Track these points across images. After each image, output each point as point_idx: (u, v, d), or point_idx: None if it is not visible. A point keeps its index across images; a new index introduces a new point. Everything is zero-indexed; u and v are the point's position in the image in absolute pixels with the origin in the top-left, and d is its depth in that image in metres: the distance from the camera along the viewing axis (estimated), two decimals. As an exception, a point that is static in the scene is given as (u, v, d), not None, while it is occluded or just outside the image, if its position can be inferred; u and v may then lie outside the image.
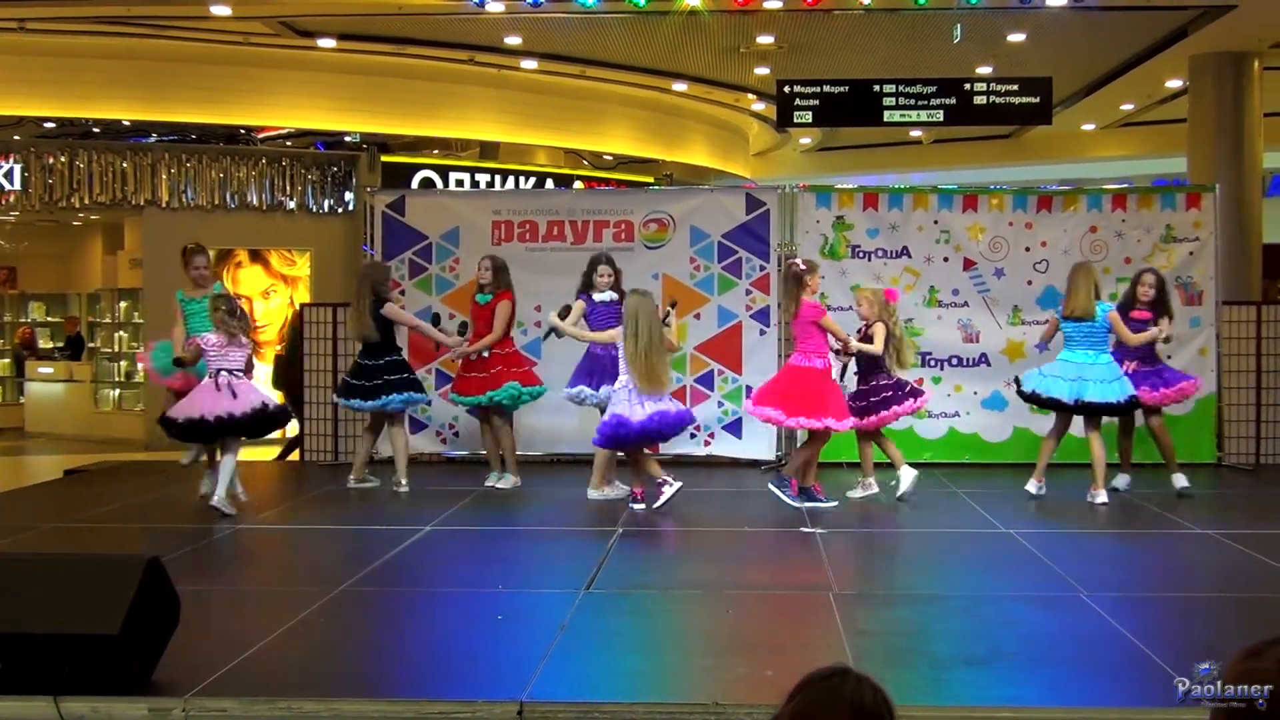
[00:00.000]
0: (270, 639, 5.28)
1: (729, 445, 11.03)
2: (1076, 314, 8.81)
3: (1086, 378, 8.75)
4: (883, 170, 23.55)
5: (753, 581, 6.68)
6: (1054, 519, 8.44)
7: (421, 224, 11.34)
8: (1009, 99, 12.53)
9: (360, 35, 14.75)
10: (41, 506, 9.36)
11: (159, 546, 6.73)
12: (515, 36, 14.72)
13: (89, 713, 4.40)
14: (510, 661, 4.94)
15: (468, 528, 8.27)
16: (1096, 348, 8.80)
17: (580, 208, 11.36)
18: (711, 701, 4.38)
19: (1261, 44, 14.17)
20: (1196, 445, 10.77)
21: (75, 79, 14.85)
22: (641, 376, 8.51)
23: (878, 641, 5.33)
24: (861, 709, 1.95)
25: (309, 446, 11.70)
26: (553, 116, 18.16)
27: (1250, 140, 14.47)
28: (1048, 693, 4.62)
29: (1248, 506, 9.33)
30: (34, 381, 17.97)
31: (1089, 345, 8.80)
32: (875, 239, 10.97)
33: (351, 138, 17.37)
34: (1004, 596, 6.27)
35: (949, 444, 10.94)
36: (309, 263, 15.20)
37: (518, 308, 10.21)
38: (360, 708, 4.45)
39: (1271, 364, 11.02)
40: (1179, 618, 5.81)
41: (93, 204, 14.83)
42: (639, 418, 8.51)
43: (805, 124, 13.00)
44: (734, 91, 18.63)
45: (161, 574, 4.66)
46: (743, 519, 8.58)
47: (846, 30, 14.53)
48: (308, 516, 9.09)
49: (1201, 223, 10.93)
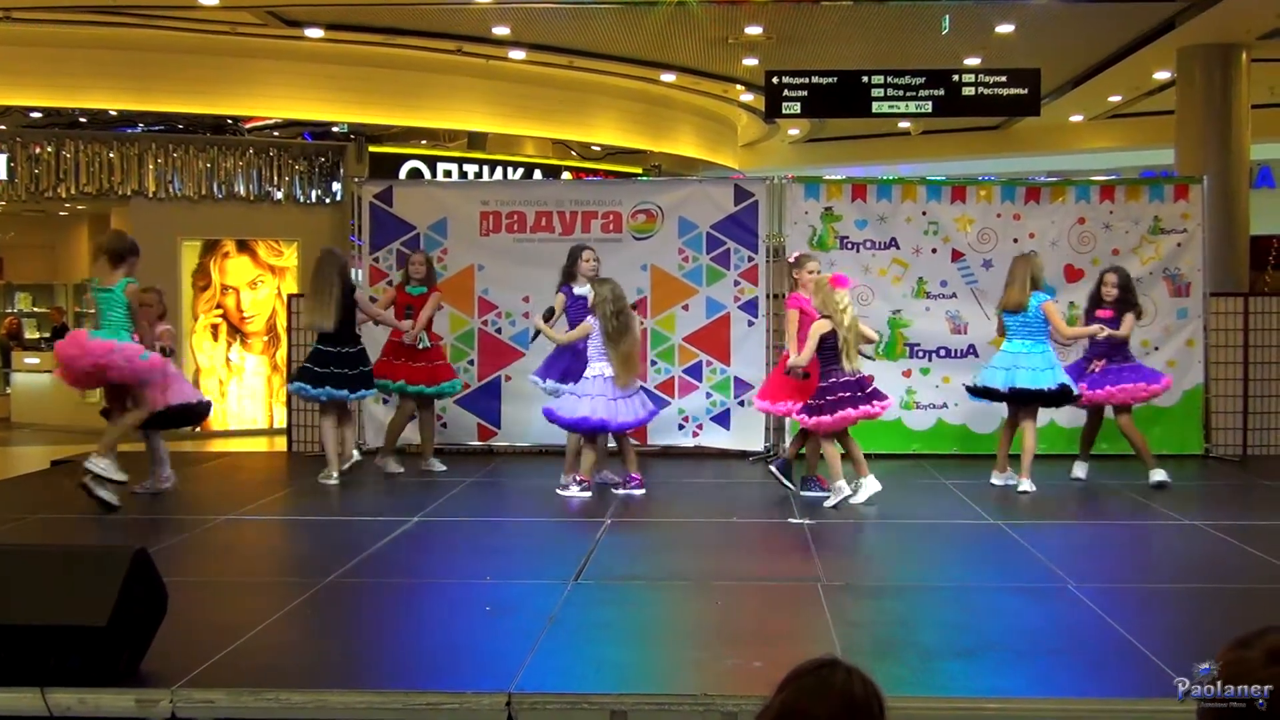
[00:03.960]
0: (258, 630, 5.27)
1: (717, 436, 11.03)
2: (1010, 306, 9.10)
3: (1020, 366, 8.96)
4: (871, 161, 23.53)
5: (742, 572, 6.69)
6: (1042, 510, 8.45)
7: (409, 214, 11.32)
8: (997, 90, 12.53)
9: (348, 25, 14.69)
10: (28, 497, 9.32)
11: (146, 538, 6.74)
12: (503, 27, 14.68)
13: (76, 704, 4.39)
14: (498, 653, 4.94)
15: (455, 519, 8.26)
16: (1033, 338, 9.02)
17: (568, 198, 11.34)
18: (700, 693, 4.38)
19: (1249, 36, 14.19)
20: (1183, 437, 10.81)
21: (62, 69, 14.77)
22: (619, 366, 8.53)
23: (866, 632, 5.34)
24: (851, 700, 1.95)
25: (296, 437, 11.67)
26: (541, 107, 18.11)
27: (1238, 132, 14.49)
28: (1035, 683, 4.63)
29: (1235, 498, 9.36)
30: (20, 372, 17.89)
31: (1025, 335, 9.04)
32: (864, 230, 10.97)
33: (339, 128, 17.29)
34: (992, 587, 6.29)
35: (937, 435, 10.96)
36: (296, 253, 15.15)
37: (507, 297, 10.23)
38: (348, 699, 4.44)
39: (1259, 355, 11.06)
40: (1167, 609, 5.83)
41: (79, 194, 14.75)
42: (623, 416, 8.57)
43: (794, 115, 12.98)
44: (722, 82, 18.60)
45: (149, 565, 4.64)
46: (731, 510, 8.59)
47: (835, 21, 14.51)
48: (295, 507, 9.07)
49: (1189, 214, 10.95)
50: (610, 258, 10.48)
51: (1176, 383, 10.54)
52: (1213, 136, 14.42)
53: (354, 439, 10.00)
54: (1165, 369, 10.30)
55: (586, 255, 9.39)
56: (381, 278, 11.21)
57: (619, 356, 8.56)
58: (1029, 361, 8.95)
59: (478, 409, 11.13)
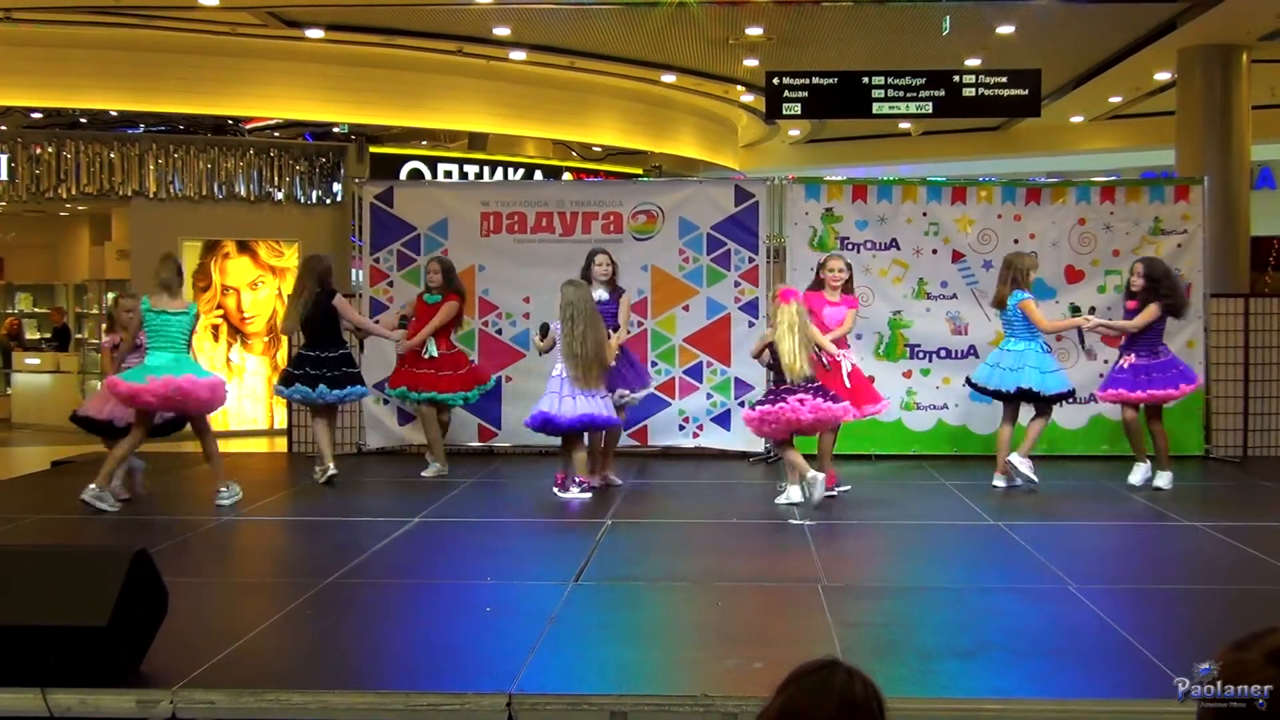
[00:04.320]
0: (258, 631, 5.28)
1: (717, 437, 11.04)
2: (995, 304, 9.36)
3: (1000, 364, 9.14)
4: (871, 162, 23.52)
5: (742, 573, 6.69)
6: (1042, 511, 8.45)
7: (410, 215, 11.32)
8: (998, 91, 12.53)
9: (348, 26, 14.69)
10: (29, 498, 9.33)
11: (147, 538, 6.73)
12: (504, 27, 14.68)
13: (77, 704, 4.39)
14: (499, 654, 4.94)
15: (456, 519, 8.26)
16: (1016, 335, 9.12)
17: (569, 199, 11.35)
18: (701, 693, 4.38)
19: (1250, 37, 14.19)
20: (1184, 437, 10.80)
21: (62, 69, 14.76)
22: (576, 368, 8.54)
23: (866, 633, 5.34)
24: (851, 702, 1.95)
25: (297, 438, 11.67)
26: (541, 108, 18.10)
27: (1238, 133, 14.49)
28: (1035, 684, 4.63)
29: (1235, 499, 9.35)
30: (21, 373, 17.89)
31: (1010, 332, 9.21)
32: (864, 231, 10.97)
33: (340, 129, 17.30)
34: (992, 588, 6.29)
35: (937, 436, 10.96)
36: (297, 254, 15.14)
37: (508, 297, 10.17)
38: (348, 700, 4.44)
39: (1259, 356, 11.06)
40: (1166, 610, 5.83)
41: (80, 194, 14.76)
42: (568, 413, 8.56)
43: (794, 115, 12.97)
44: (723, 83, 18.59)
45: (149, 566, 4.65)
46: (731, 511, 8.59)
47: (835, 22, 14.52)
48: (296, 508, 9.08)
49: (1190, 215, 10.95)
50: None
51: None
52: (1213, 137, 14.41)
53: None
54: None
55: (599, 260, 9.35)
56: (382, 278, 11.22)
57: (574, 361, 8.57)
58: (1006, 360, 9.12)
59: (478, 410, 11.12)
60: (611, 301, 9.26)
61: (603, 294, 9.22)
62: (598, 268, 9.32)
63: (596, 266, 9.33)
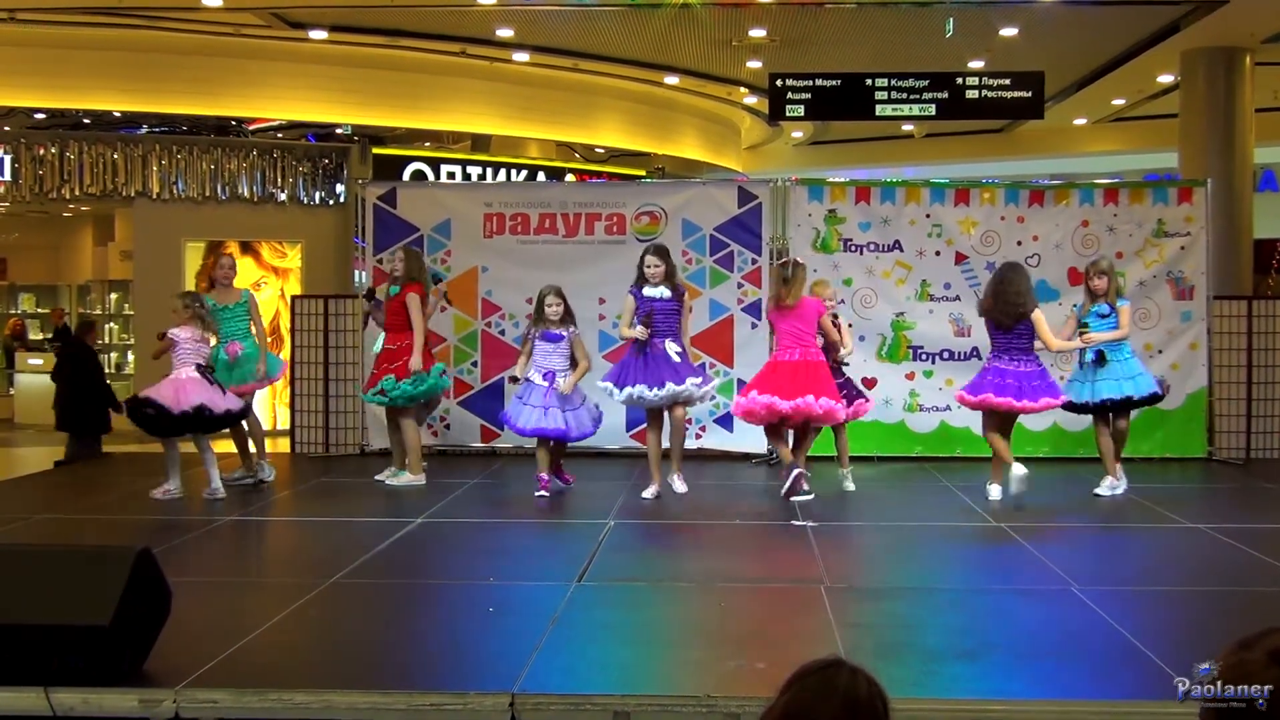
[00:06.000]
0: (262, 630, 5.28)
1: (720, 438, 11.04)
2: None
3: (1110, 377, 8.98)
4: (875, 164, 23.51)
5: (745, 574, 6.69)
6: (1045, 513, 8.44)
7: (413, 216, 11.32)
8: (1001, 93, 12.54)
9: (352, 27, 14.70)
10: (31, 498, 9.33)
11: (150, 538, 6.73)
12: (507, 29, 14.69)
13: (80, 704, 4.39)
14: (502, 654, 4.94)
15: (459, 520, 8.26)
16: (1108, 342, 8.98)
17: (572, 200, 11.35)
18: (704, 694, 4.38)
19: (1253, 39, 14.19)
20: (1187, 440, 10.81)
21: (66, 70, 14.79)
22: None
23: (869, 634, 5.34)
24: (855, 701, 1.95)
25: (299, 438, 11.68)
26: (545, 109, 18.12)
27: (1241, 135, 14.48)
28: (1038, 686, 4.63)
29: (1238, 501, 9.36)
30: (24, 373, 17.91)
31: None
32: (867, 233, 10.97)
33: (343, 130, 17.31)
34: (995, 590, 6.29)
35: (940, 438, 10.96)
36: (300, 254, 15.16)
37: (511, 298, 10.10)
38: (352, 699, 4.44)
39: (1262, 359, 11.04)
40: (1170, 612, 5.82)
41: (83, 195, 14.77)
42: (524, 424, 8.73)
43: (797, 117, 12.97)
44: (726, 85, 18.60)
45: (152, 565, 4.65)
46: (734, 512, 8.59)
47: (839, 24, 14.52)
48: (299, 508, 9.09)
49: (1193, 217, 10.95)
50: (613, 260, 10.50)
51: (1180, 386, 10.59)
52: (1216, 140, 14.41)
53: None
54: (1169, 372, 10.36)
55: (649, 261, 8.80)
56: (385, 279, 11.21)
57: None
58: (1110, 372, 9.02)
59: (481, 411, 11.13)
60: (674, 299, 8.79)
61: (664, 290, 8.74)
62: (647, 269, 8.78)
63: (646, 269, 8.80)
